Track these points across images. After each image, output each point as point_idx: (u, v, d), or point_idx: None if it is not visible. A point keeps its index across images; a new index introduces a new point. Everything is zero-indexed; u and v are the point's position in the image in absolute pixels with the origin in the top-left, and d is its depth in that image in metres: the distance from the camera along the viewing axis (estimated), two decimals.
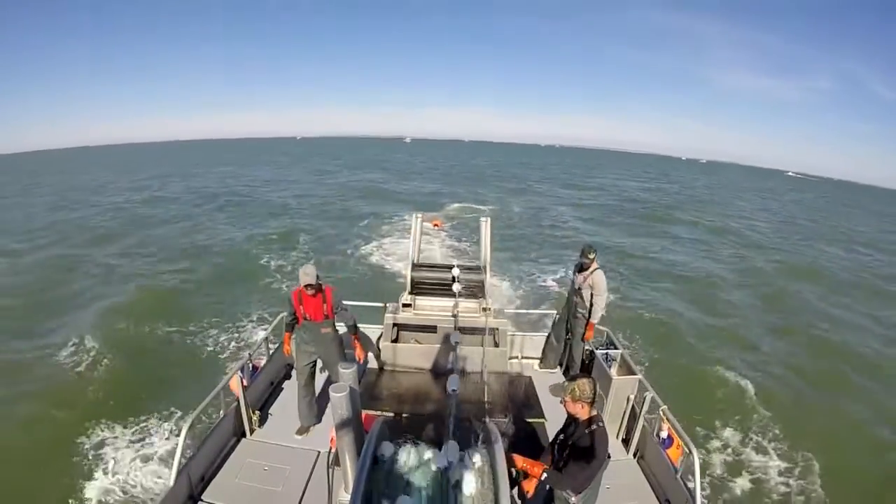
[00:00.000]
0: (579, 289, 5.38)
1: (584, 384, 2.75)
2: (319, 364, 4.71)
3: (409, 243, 6.02)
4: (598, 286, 5.24)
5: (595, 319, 5.36)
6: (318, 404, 4.77)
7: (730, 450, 7.67)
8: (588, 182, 55.23)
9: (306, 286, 4.19)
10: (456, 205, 29.53)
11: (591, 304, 5.34)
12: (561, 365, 5.98)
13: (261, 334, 7.14)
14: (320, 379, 5.10)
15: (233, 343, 10.51)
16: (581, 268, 5.41)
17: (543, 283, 15.56)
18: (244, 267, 16.24)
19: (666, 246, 22.52)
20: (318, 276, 4.26)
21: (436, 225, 22.79)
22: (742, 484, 6.96)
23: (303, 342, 4.53)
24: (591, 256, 5.25)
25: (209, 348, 10.41)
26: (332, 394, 2.23)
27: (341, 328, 4.83)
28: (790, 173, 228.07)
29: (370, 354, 5.96)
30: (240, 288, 14.09)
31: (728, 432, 8.11)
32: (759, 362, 10.83)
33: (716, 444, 7.77)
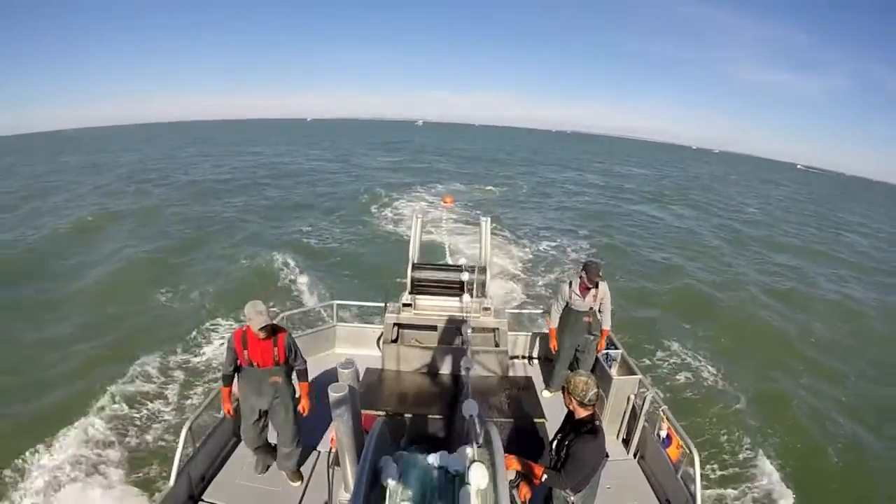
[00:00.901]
0: (591, 309, 5.03)
1: (579, 381, 2.74)
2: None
3: (411, 234, 5.93)
4: (606, 296, 5.01)
5: (609, 325, 5.14)
6: (294, 435, 3.95)
7: (730, 449, 7.65)
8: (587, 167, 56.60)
9: (260, 328, 3.39)
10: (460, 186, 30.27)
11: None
12: None
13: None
14: (320, 380, 5.09)
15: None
16: (585, 286, 4.93)
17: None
18: None
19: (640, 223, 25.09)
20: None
21: (446, 201, 23.87)
22: (743, 484, 6.95)
23: (248, 394, 3.75)
24: (601, 276, 4.90)
25: None
26: (331, 394, 2.23)
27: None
28: (800, 166, 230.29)
29: (370, 354, 5.96)
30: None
31: (726, 429, 8.11)
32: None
33: (716, 442, 7.76)
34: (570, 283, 5.06)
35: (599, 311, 5.05)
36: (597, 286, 4.89)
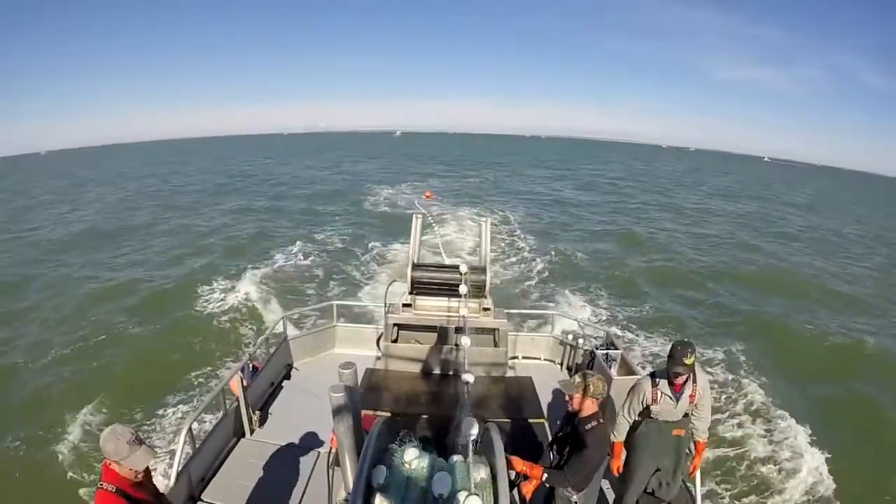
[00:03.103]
0: (686, 415, 3.38)
1: (597, 381, 2.79)
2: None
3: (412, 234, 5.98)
4: (706, 394, 3.36)
5: (706, 436, 3.52)
6: None
7: (730, 447, 7.64)
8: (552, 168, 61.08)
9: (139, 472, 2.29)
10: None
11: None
12: None
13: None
14: (320, 381, 5.10)
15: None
16: (680, 383, 3.21)
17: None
18: None
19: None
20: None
21: (426, 195, 25.93)
22: (743, 485, 6.94)
23: None
24: (692, 360, 3.09)
25: None
26: (331, 394, 2.23)
27: None
28: (766, 159, 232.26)
29: (370, 354, 5.95)
30: None
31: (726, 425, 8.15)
32: None
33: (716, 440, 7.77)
34: (655, 380, 3.32)
35: (693, 415, 3.39)
36: (694, 380, 3.25)
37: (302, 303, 12.24)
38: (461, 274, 5.20)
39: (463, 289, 4.73)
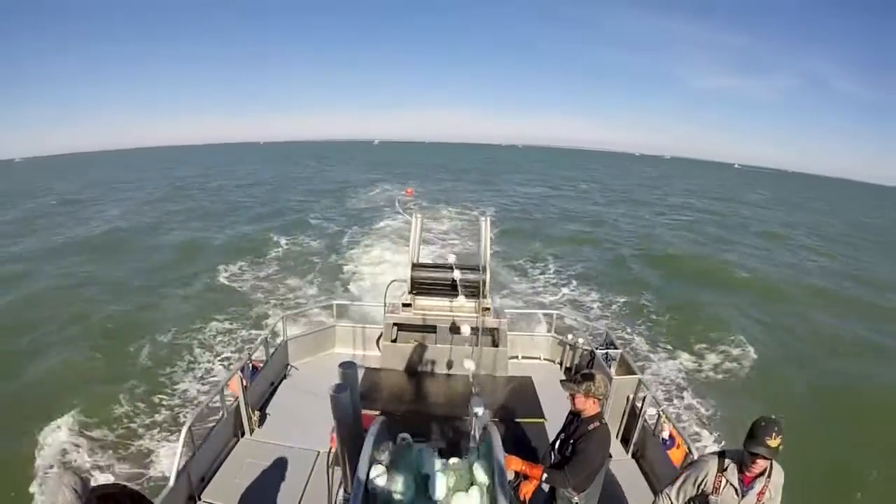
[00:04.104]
0: None
1: (600, 381, 2.77)
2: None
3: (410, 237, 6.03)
4: (777, 496, 2.57)
5: None
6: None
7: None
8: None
9: None
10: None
11: None
12: None
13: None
14: (320, 380, 5.10)
15: None
16: (740, 465, 2.51)
17: None
18: None
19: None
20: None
21: (408, 192, 28.73)
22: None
23: None
24: (777, 443, 2.35)
25: None
26: (331, 394, 2.23)
27: None
28: (737, 165, 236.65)
29: (370, 354, 5.95)
30: None
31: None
32: None
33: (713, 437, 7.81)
34: (724, 462, 2.57)
35: None
36: (769, 474, 2.50)
37: (301, 303, 12.24)
38: (465, 271, 5.20)
39: (460, 299, 4.74)
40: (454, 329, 5.35)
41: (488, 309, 5.50)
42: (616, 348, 5.18)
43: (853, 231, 33.63)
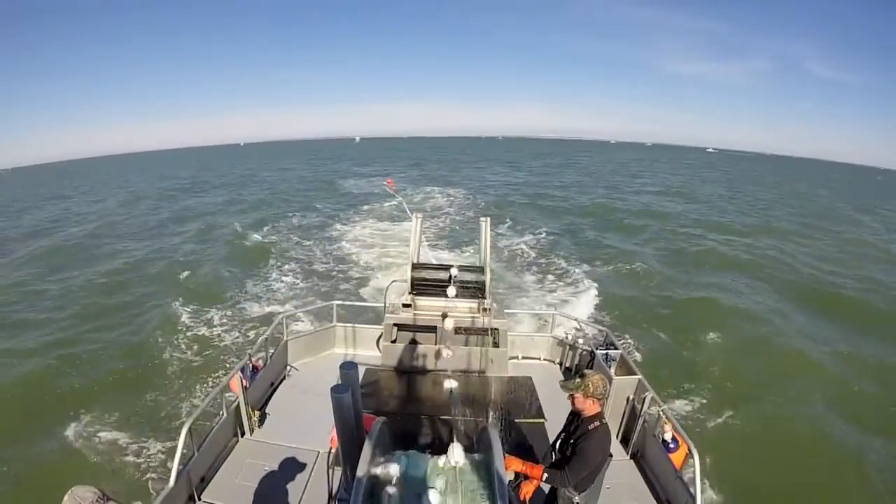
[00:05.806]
0: None
1: (597, 381, 2.76)
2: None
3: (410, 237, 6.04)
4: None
5: None
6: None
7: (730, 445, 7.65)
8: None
9: None
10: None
11: None
12: None
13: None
14: (320, 381, 5.10)
15: None
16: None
17: None
18: None
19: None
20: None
21: (388, 184, 29.17)
22: (744, 485, 6.94)
23: None
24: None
25: None
26: (332, 394, 2.23)
27: None
28: (710, 149, 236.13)
29: (370, 354, 5.94)
30: None
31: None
32: None
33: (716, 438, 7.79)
34: None
35: None
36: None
37: (301, 303, 12.24)
38: (465, 271, 5.20)
39: (451, 290, 4.73)
40: (454, 329, 5.35)
41: (488, 309, 5.50)
42: (616, 348, 5.18)
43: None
